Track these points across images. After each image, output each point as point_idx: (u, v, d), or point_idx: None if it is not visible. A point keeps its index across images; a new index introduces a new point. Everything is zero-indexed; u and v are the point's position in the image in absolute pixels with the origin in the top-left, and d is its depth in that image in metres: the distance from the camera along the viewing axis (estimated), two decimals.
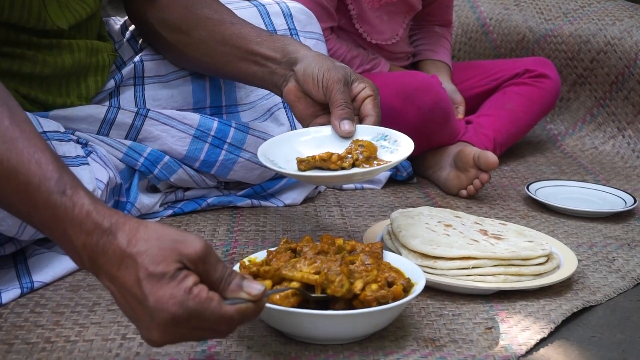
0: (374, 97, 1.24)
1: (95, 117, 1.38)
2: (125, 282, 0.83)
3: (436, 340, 1.04)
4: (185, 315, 0.82)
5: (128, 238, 0.84)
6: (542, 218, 1.59)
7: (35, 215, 0.88)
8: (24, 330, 1.03)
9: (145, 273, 0.82)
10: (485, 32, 2.51)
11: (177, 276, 0.82)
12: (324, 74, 1.23)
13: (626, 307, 1.19)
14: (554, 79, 2.07)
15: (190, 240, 0.85)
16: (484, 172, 1.68)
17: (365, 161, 1.18)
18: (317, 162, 1.18)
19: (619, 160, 2.14)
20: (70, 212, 0.85)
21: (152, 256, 0.83)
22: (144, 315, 0.83)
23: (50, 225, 0.87)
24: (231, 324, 0.86)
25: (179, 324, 0.82)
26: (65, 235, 0.86)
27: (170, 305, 0.81)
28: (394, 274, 1.04)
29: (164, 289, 0.82)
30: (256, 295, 0.87)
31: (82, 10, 1.31)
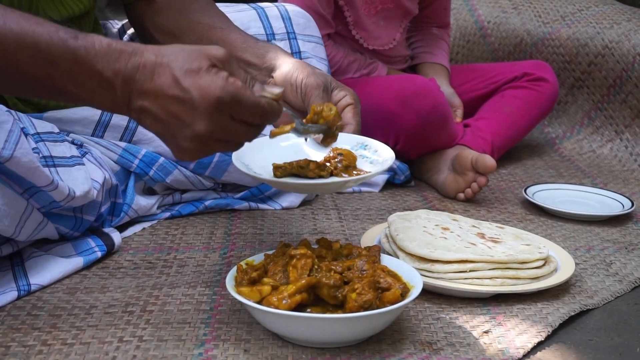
0: (355, 106, 1.19)
1: (90, 119, 1.38)
2: (162, 87, 0.89)
3: (433, 344, 1.03)
4: (227, 99, 0.90)
5: (155, 52, 0.91)
6: (539, 221, 1.59)
7: (55, 71, 0.91)
8: (20, 332, 1.02)
9: (182, 71, 0.89)
10: (483, 35, 2.51)
11: (211, 69, 0.91)
12: (303, 79, 1.19)
13: (623, 310, 1.19)
14: (552, 83, 2.08)
15: (213, 47, 0.94)
16: (481, 176, 1.68)
17: (344, 170, 1.14)
18: (294, 169, 1.13)
19: (617, 163, 2.14)
20: (92, 48, 0.91)
21: (183, 58, 0.90)
22: (186, 112, 0.89)
23: (73, 73, 0.91)
24: (262, 116, 0.94)
25: (222, 109, 0.90)
26: (93, 74, 0.90)
27: (214, 89, 0.89)
28: (390, 278, 1.04)
29: (204, 79, 0.89)
30: (277, 94, 0.97)
31: (76, 6, 1.31)
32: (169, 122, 0.91)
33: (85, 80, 0.92)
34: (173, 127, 0.91)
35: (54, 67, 0.91)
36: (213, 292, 1.16)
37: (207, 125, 0.90)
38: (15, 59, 0.91)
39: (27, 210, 1.13)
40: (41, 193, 1.13)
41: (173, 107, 0.90)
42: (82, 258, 1.24)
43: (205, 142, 0.92)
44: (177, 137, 0.92)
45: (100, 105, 0.95)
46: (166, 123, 0.91)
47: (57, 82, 0.92)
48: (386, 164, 1.14)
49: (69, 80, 0.92)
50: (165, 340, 1.02)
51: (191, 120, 0.90)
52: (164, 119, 0.91)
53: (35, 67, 0.91)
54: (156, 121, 0.92)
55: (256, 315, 1.01)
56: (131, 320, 1.07)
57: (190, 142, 0.92)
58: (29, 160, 1.07)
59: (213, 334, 1.04)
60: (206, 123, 0.90)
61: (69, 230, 1.27)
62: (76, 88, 0.93)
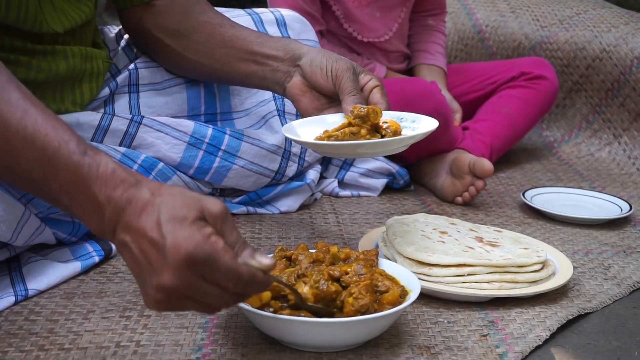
0: (381, 87, 1.25)
1: (90, 124, 1.38)
2: (144, 227, 0.84)
3: (431, 348, 1.03)
4: (200, 258, 0.82)
5: (152, 191, 0.87)
6: (537, 225, 1.59)
7: (54, 180, 0.90)
8: (17, 338, 1.02)
9: (167, 216, 0.84)
10: (482, 39, 2.51)
11: (197, 223, 0.84)
12: (332, 64, 1.24)
13: (622, 314, 1.19)
14: (551, 80, 2.07)
15: (213, 200, 0.88)
16: (479, 179, 1.68)
17: (393, 136, 1.16)
18: (346, 136, 1.15)
19: (615, 167, 2.14)
20: (95, 170, 0.88)
21: (175, 204, 0.85)
22: (157, 259, 0.83)
23: (71, 188, 0.89)
24: (239, 284, 0.85)
25: (191, 267, 0.82)
26: (88, 194, 0.88)
27: (188, 244, 0.82)
28: (388, 282, 1.04)
29: (183, 230, 0.83)
30: (267, 265, 0.87)
31: (78, 16, 1.31)
32: (143, 263, 0.85)
33: (79, 198, 0.89)
34: (145, 270, 0.85)
35: (53, 176, 0.90)
36: None
37: (172, 279, 0.82)
38: (19, 157, 0.91)
39: (25, 216, 1.13)
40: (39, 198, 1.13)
41: (149, 250, 0.84)
42: (79, 263, 1.24)
43: (171, 296, 0.84)
44: (146, 282, 0.85)
45: (88, 224, 0.90)
46: (141, 264, 0.85)
47: (52, 190, 0.91)
48: (433, 125, 1.19)
49: (64, 192, 0.90)
50: (162, 345, 1.01)
51: (160, 269, 0.83)
52: (139, 259, 0.85)
53: (36, 170, 0.91)
54: (133, 259, 0.86)
55: (253, 319, 1.01)
56: (129, 325, 1.07)
57: (156, 291, 0.84)
58: None
59: (210, 338, 1.04)
60: (173, 277, 0.82)
61: (67, 235, 1.26)
62: (68, 201, 0.91)
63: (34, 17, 1.22)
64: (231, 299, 0.87)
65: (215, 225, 0.86)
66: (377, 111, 1.16)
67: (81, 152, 0.90)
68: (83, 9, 1.33)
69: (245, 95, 1.59)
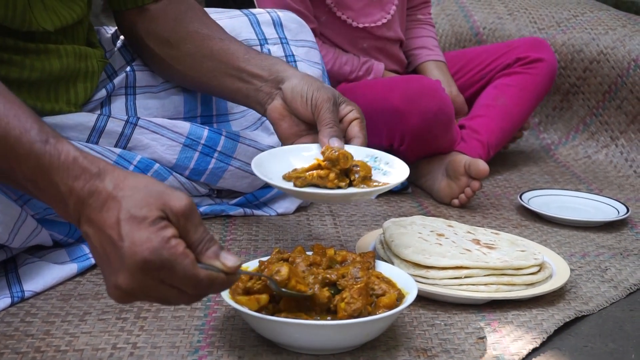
0: (361, 120, 1.23)
1: (85, 125, 1.37)
2: (104, 223, 0.83)
3: (428, 350, 1.03)
4: (156, 263, 0.81)
5: (115, 183, 0.85)
6: (535, 227, 1.59)
7: (19, 168, 0.89)
8: (14, 339, 1.02)
9: (127, 215, 0.82)
10: (479, 41, 2.52)
11: (157, 223, 0.82)
12: (314, 92, 1.22)
13: (618, 316, 1.19)
14: (549, 61, 2.05)
15: (177, 195, 0.85)
16: (475, 181, 1.67)
17: (361, 181, 1.15)
18: (314, 179, 1.14)
19: (612, 169, 2.14)
20: (56, 159, 0.87)
21: (136, 201, 0.83)
22: (115, 258, 0.82)
23: (35, 176, 0.88)
24: (198, 288, 0.85)
25: (148, 271, 0.81)
26: (51, 183, 0.87)
27: (145, 249, 0.80)
28: (385, 285, 1.04)
29: (141, 232, 0.81)
30: (230, 267, 0.86)
31: (69, 15, 1.31)
32: (103, 258, 0.85)
33: (44, 186, 0.88)
34: (105, 265, 0.85)
35: (17, 164, 0.89)
36: (207, 299, 1.16)
37: (128, 281, 0.82)
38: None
39: (21, 217, 1.13)
40: (36, 200, 1.12)
41: (108, 247, 0.83)
42: (76, 264, 1.23)
43: (129, 294, 0.84)
44: (106, 276, 0.85)
45: (56, 211, 0.90)
46: (102, 258, 0.85)
47: (18, 178, 0.90)
48: (403, 175, 1.17)
49: (29, 181, 0.89)
50: (159, 347, 1.01)
51: (117, 268, 0.83)
52: (100, 253, 0.85)
53: (1, 158, 0.90)
54: (94, 251, 0.86)
55: (250, 322, 1.01)
56: (125, 326, 1.07)
57: (114, 289, 0.84)
58: None
59: (207, 340, 1.04)
60: (128, 279, 0.82)
61: (63, 236, 1.26)
62: (35, 190, 0.90)
63: (22, 15, 1.21)
64: (191, 299, 0.87)
65: (178, 223, 0.84)
66: (347, 157, 1.14)
67: (42, 141, 0.88)
68: (74, 7, 1.33)
69: None
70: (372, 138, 1.81)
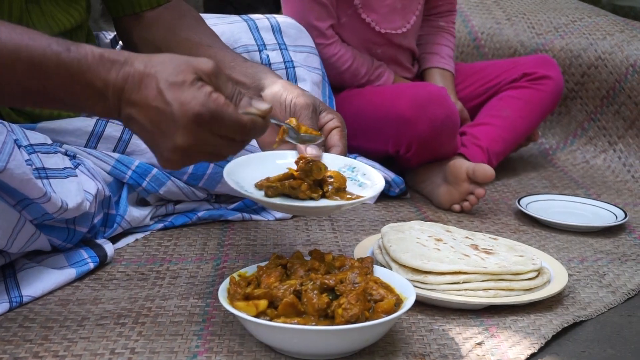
0: (342, 129, 1.20)
1: (84, 130, 1.37)
2: (147, 98, 0.93)
3: (426, 356, 1.03)
4: (207, 115, 0.92)
5: (144, 63, 0.94)
6: (533, 232, 1.59)
7: (50, 84, 0.95)
8: (12, 345, 1.02)
9: (166, 84, 0.92)
10: (477, 46, 2.52)
11: (195, 83, 0.93)
12: (292, 99, 1.19)
13: (616, 322, 1.19)
14: (556, 79, 2.05)
15: (202, 59, 0.96)
16: (478, 187, 1.67)
17: (335, 193, 1.12)
18: (285, 189, 1.10)
19: (610, 174, 2.14)
20: (84, 61, 0.94)
21: (169, 70, 0.93)
22: (167, 125, 0.92)
23: (68, 86, 0.95)
24: (243, 133, 0.96)
25: (201, 124, 0.92)
26: (87, 84, 0.94)
27: (194, 105, 0.91)
28: (383, 290, 1.04)
29: (186, 93, 0.92)
30: (264, 110, 0.99)
31: (67, 21, 1.31)
32: (153, 131, 0.94)
33: (80, 91, 0.95)
34: (157, 136, 0.94)
35: (48, 80, 0.94)
36: (206, 304, 1.16)
37: (186, 139, 0.93)
38: (12, 73, 0.94)
39: (20, 222, 1.13)
40: (34, 205, 1.13)
41: (156, 117, 0.93)
42: (74, 269, 1.23)
43: (186, 154, 0.95)
44: (160, 147, 0.95)
45: (96, 113, 0.99)
46: (150, 132, 0.95)
47: (52, 93, 0.96)
48: (377, 189, 1.14)
49: (64, 91, 0.95)
50: (157, 352, 1.01)
51: (172, 132, 0.93)
52: (149, 128, 0.94)
53: (31, 80, 0.95)
54: (142, 130, 0.96)
55: (249, 327, 1.01)
56: (123, 332, 1.07)
57: (171, 153, 0.95)
58: (22, 172, 1.06)
59: (205, 345, 1.04)
60: (186, 137, 0.93)
61: (62, 242, 1.26)
62: (72, 99, 0.96)
63: (18, 19, 1.21)
64: (239, 146, 0.99)
65: (211, 81, 0.95)
66: (321, 168, 1.12)
67: (66, 50, 0.94)
68: (73, 13, 1.33)
69: None
70: (378, 144, 1.82)
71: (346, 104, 1.84)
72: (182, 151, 0.94)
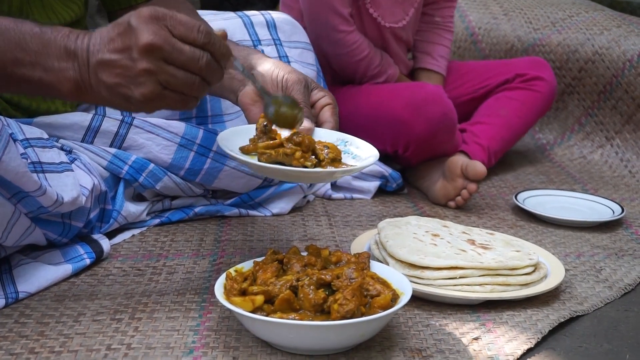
0: (333, 106, 1.22)
1: (80, 124, 1.37)
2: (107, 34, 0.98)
3: (423, 351, 1.03)
4: (160, 13, 0.95)
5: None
6: (530, 227, 1.59)
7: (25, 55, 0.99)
8: (8, 340, 1.02)
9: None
10: (474, 42, 2.52)
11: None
12: (285, 75, 1.21)
13: (613, 317, 1.19)
14: (549, 80, 2.06)
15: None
16: (471, 182, 1.67)
17: (330, 163, 1.12)
18: (279, 156, 1.10)
19: (607, 169, 2.14)
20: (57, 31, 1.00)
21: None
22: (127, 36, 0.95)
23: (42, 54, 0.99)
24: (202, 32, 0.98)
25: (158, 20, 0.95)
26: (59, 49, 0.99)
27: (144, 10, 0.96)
28: (379, 285, 1.04)
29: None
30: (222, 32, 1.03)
31: (67, 14, 1.31)
32: (119, 61, 0.96)
33: (53, 61, 0.98)
34: (123, 62, 0.96)
35: (23, 51, 0.98)
36: (202, 300, 1.16)
37: (148, 35, 0.94)
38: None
39: (15, 215, 1.12)
40: (29, 198, 1.12)
41: (118, 42, 0.96)
42: (70, 265, 1.23)
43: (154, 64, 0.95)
44: (130, 73, 0.96)
45: (65, 81, 1.00)
46: (118, 64, 0.96)
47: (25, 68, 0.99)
48: (370, 160, 1.14)
49: (38, 63, 0.98)
50: (153, 348, 1.01)
51: (134, 40, 0.94)
52: (115, 60, 0.96)
53: (5, 52, 0.98)
54: (110, 69, 0.97)
55: (245, 322, 1.01)
56: (119, 327, 1.06)
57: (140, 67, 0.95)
58: (17, 165, 1.06)
59: (202, 341, 1.03)
60: (147, 33, 0.94)
61: (57, 236, 1.26)
62: (44, 71, 0.99)
63: (19, 9, 1.21)
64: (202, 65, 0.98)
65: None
66: (311, 140, 1.12)
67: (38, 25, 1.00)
68: (72, 7, 1.33)
69: None
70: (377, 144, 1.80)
71: (343, 103, 1.84)
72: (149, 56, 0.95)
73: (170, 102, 1.00)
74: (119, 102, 1.00)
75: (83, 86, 1.00)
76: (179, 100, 1.00)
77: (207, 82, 1.01)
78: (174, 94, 0.99)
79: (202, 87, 1.00)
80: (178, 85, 0.98)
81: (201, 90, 1.00)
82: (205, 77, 1.00)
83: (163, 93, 0.98)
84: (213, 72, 1.00)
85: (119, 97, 0.99)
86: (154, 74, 0.96)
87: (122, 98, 0.99)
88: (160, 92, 0.98)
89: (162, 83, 0.97)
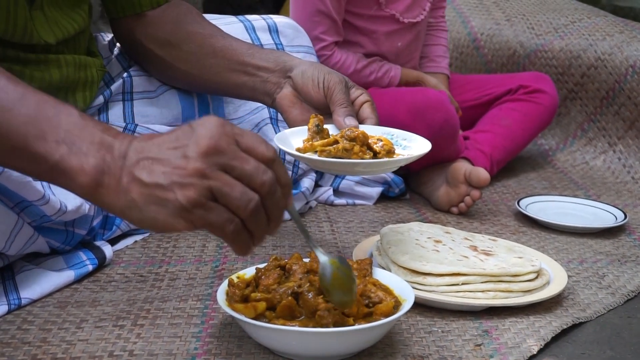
0: (372, 103, 1.25)
1: None
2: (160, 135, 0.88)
3: (425, 357, 1.03)
4: (228, 125, 0.85)
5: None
6: (532, 234, 1.59)
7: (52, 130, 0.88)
8: (10, 347, 1.02)
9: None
10: (477, 47, 2.52)
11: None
12: (325, 76, 1.24)
13: (616, 323, 1.19)
14: (551, 94, 2.07)
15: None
16: (475, 189, 1.67)
17: (386, 154, 1.14)
18: (338, 152, 1.12)
19: (610, 175, 2.14)
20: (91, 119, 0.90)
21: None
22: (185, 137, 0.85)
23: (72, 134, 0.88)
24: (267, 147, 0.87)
25: (223, 126, 0.84)
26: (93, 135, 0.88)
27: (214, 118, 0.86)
28: (382, 292, 1.04)
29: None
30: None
31: (71, 26, 1.31)
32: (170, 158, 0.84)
33: (83, 143, 0.86)
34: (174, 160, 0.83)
35: (53, 127, 0.87)
36: (204, 306, 1.16)
37: (212, 136, 0.83)
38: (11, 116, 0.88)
39: (18, 225, 1.13)
40: (32, 207, 1.12)
41: (172, 140, 0.85)
42: (73, 271, 1.23)
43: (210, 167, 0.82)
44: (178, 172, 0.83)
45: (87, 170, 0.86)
46: (166, 162, 0.84)
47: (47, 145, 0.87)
48: (425, 147, 1.18)
49: (65, 141, 0.86)
50: (156, 355, 1.01)
51: (193, 139, 0.83)
52: (166, 157, 0.84)
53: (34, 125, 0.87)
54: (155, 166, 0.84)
55: (247, 329, 1.01)
56: (122, 334, 1.06)
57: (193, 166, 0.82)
58: (19, 175, 1.06)
59: (204, 347, 1.03)
60: (210, 135, 0.83)
61: (60, 244, 1.26)
62: (68, 152, 0.86)
63: (23, 28, 1.21)
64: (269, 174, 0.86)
65: None
66: (365, 135, 1.15)
67: (80, 110, 0.91)
68: (76, 18, 1.33)
69: (238, 103, 1.58)
70: None
71: None
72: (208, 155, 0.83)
73: (214, 219, 0.84)
74: (149, 207, 0.84)
75: (107, 182, 0.85)
76: (226, 220, 0.84)
77: (265, 206, 0.87)
78: (221, 210, 0.84)
79: (257, 213, 0.86)
80: (231, 199, 0.83)
81: (255, 216, 0.85)
82: (265, 199, 0.86)
83: (209, 205, 0.83)
84: (273, 194, 0.86)
85: (151, 201, 0.83)
86: (207, 178, 0.82)
87: (156, 202, 0.83)
88: (207, 202, 0.83)
89: (213, 191, 0.83)
